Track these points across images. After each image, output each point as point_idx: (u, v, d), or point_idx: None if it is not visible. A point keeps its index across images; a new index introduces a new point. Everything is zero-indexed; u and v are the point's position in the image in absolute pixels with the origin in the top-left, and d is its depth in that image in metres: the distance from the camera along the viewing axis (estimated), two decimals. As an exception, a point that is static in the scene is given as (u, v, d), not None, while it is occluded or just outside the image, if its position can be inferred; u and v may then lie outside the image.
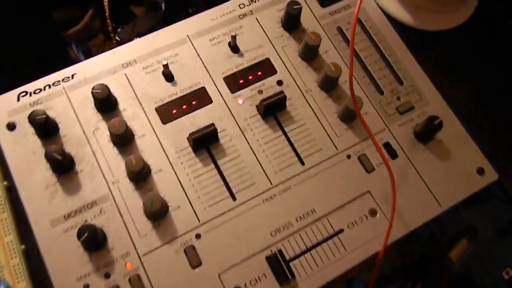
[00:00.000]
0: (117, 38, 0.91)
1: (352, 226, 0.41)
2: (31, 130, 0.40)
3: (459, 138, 0.45)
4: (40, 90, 0.42)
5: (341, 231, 0.41)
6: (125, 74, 0.44)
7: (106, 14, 0.76)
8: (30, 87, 0.42)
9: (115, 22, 0.82)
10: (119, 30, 0.90)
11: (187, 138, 0.42)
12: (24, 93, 0.42)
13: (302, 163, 0.43)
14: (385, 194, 0.42)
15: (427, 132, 0.44)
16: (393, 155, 0.44)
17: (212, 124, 0.41)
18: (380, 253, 0.40)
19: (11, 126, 0.41)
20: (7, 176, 0.40)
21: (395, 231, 0.41)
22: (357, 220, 0.42)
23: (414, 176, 0.43)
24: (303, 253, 0.40)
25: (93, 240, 0.37)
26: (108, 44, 0.98)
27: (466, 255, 0.50)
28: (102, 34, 1.05)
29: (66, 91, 0.42)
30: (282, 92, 0.43)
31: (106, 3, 0.75)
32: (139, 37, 0.84)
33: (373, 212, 0.42)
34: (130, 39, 0.84)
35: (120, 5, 0.83)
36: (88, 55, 0.65)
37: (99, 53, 0.44)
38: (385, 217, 0.42)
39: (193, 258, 0.39)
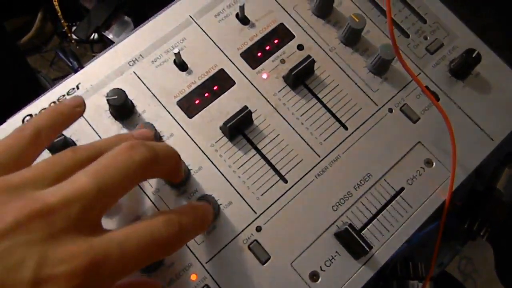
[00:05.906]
0: (74, 36, 0.85)
1: (412, 181, 0.39)
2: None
3: (495, 68, 0.43)
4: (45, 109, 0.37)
5: (402, 189, 0.39)
6: (134, 72, 0.39)
7: (59, 14, 0.69)
8: (33, 108, 0.37)
9: (68, 20, 0.76)
10: (74, 28, 0.83)
11: (220, 128, 0.38)
12: (28, 116, 0.37)
13: (345, 128, 0.40)
14: (436, 141, 0.40)
15: (465, 68, 0.41)
16: (435, 98, 0.42)
17: (246, 107, 0.37)
18: (447, 201, 0.39)
19: (24, 157, 0.36)
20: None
21: (456, 175, 0.39)
22: (415, 174, 0.39)
23: (460, 115, 0.41)
24: (370, 221, 0.38)
25: (151, 260, 0.33)
26: (66, 45, 0.91)
27: (512, 182, 0.49)
28: (56, 36, 0.97)
29: (75, 105, 0.37)
30: (309, 56, 0.39)
31: (56, 2, 0.68)
32: (97, 31, 0.78)
33: (428, 162, 0.40)
34: (88, 36, 0.78)
35: (69, 2, 0.77)
36: (78, 60, 0.59)
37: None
38: (441, 164, 0.40)
39: (260, 253, 0.36)
